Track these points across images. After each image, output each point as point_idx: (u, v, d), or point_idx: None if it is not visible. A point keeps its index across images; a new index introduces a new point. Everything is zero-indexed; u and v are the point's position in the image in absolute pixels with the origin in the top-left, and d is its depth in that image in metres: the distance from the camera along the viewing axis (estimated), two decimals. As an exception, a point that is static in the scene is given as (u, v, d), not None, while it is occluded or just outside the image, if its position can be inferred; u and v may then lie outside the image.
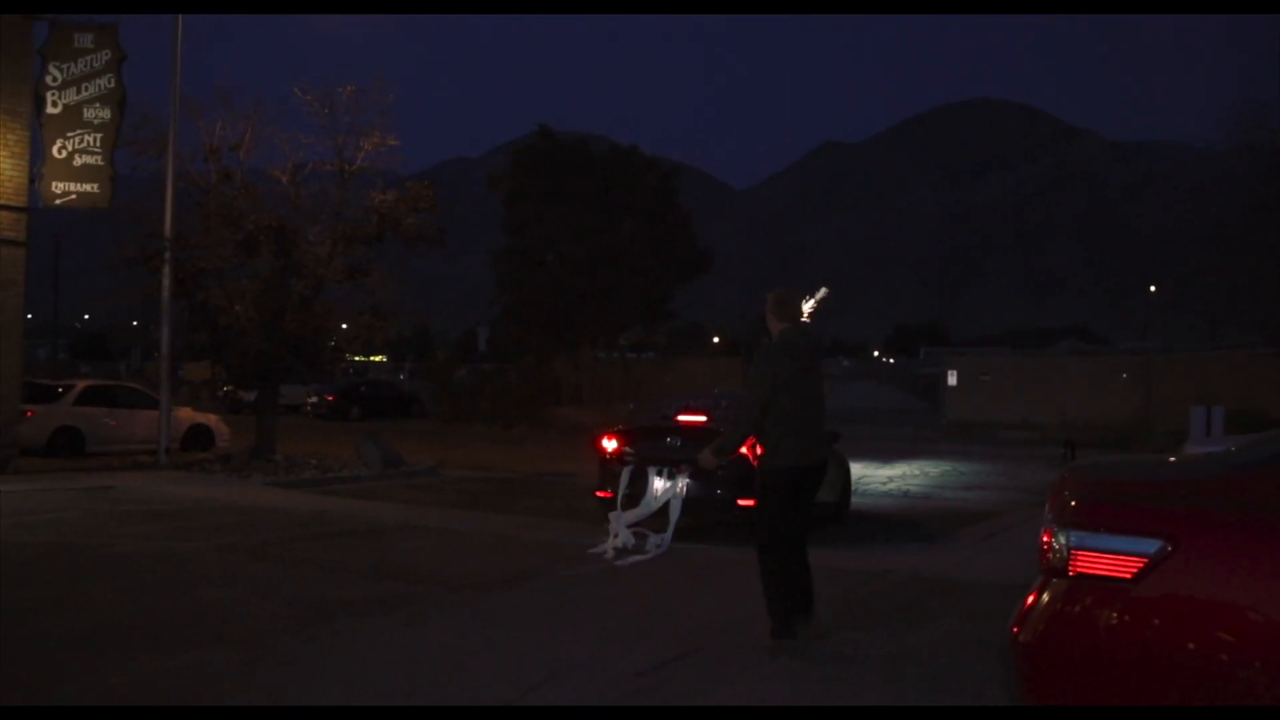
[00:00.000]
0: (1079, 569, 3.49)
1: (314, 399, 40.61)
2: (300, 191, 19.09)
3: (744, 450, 9.03)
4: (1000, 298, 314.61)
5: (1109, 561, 3.43)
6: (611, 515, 10.20)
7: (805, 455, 6.56)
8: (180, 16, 18.12)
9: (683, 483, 10.18)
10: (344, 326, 20.71)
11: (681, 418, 11.22)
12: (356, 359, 53.65)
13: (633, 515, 10.19)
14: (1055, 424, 31.69)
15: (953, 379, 40.02)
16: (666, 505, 10.26)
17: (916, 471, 21.28)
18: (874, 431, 31.81)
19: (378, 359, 71.43)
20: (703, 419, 11.09)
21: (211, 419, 23.10)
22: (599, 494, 11.20)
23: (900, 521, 13.82)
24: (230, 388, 39.60)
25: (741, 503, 10.16)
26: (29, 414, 18.86)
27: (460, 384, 43.75)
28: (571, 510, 13.96)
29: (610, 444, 11.19)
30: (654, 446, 10.76)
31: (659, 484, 10.27)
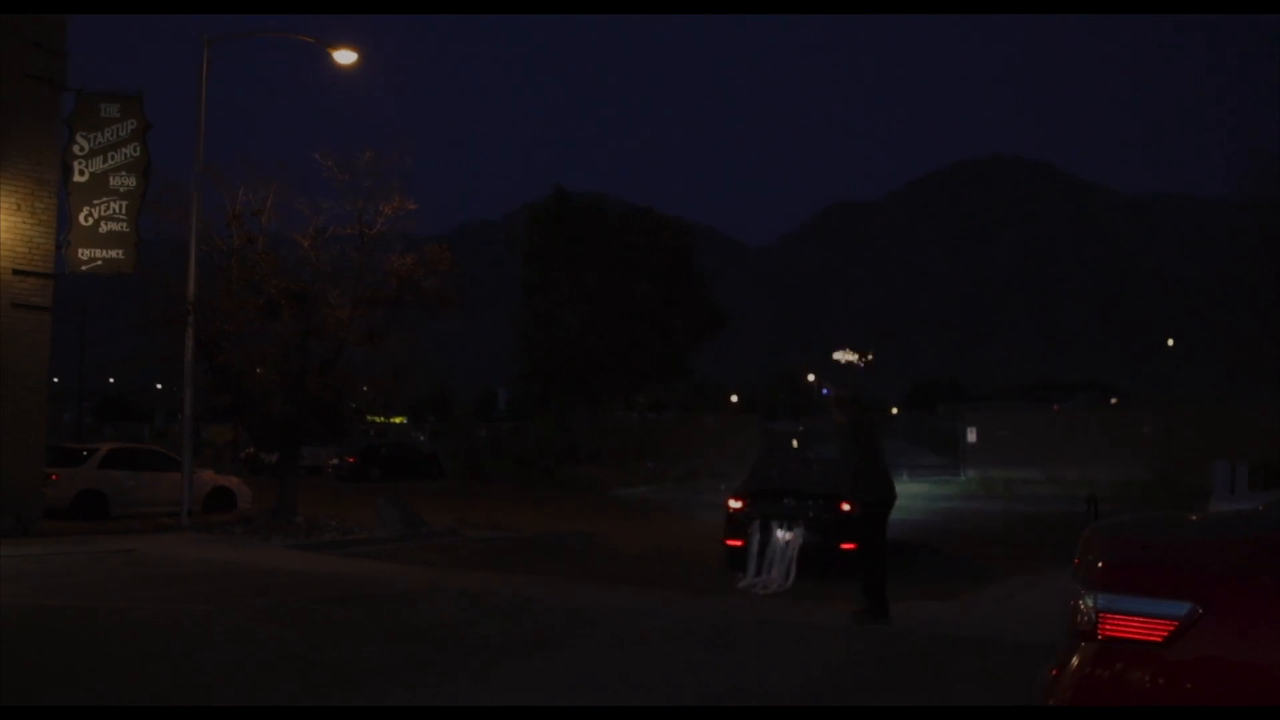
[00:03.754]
0: (1108, 632, 3.44)
1: (335, 460, 40.66)
2: (321, 255, 19.27)
3: (848, 507, 12.55)
4: (1017, 354, 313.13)
5: (1138, 624, 3.38)
6: (750, 561, 12.65)
7: (887, 490, 10.20)
8: (204, 85, 18.47)
9: (798, 533, 12.50)
10: (364, 388, 20.77)
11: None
12: (376, 420, 53.76)
13: (769, 563, 12.51)
14: (1076, 479, 31.36)
15: (972, 435, 39.75)
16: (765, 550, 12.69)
17: (938, 528, 21.09)
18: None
19: (397, 420, 71.57)
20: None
21: (233, 481, 23.14)
22: (728, 542, 13.68)
23: (923, 578, 13.68)
24: (252, 450, 39.75)
25: (844, 546, 12.78)
26: (54, 477, 18.96)
27: (479, 444, 43.76)
28: (591, 572, 13.89)
29: (736, 504, 13.76)
30: (773, 505, 13.25)
31: (780, 534, 12.56)
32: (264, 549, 15.45)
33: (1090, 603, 3.51)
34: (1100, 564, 3.62)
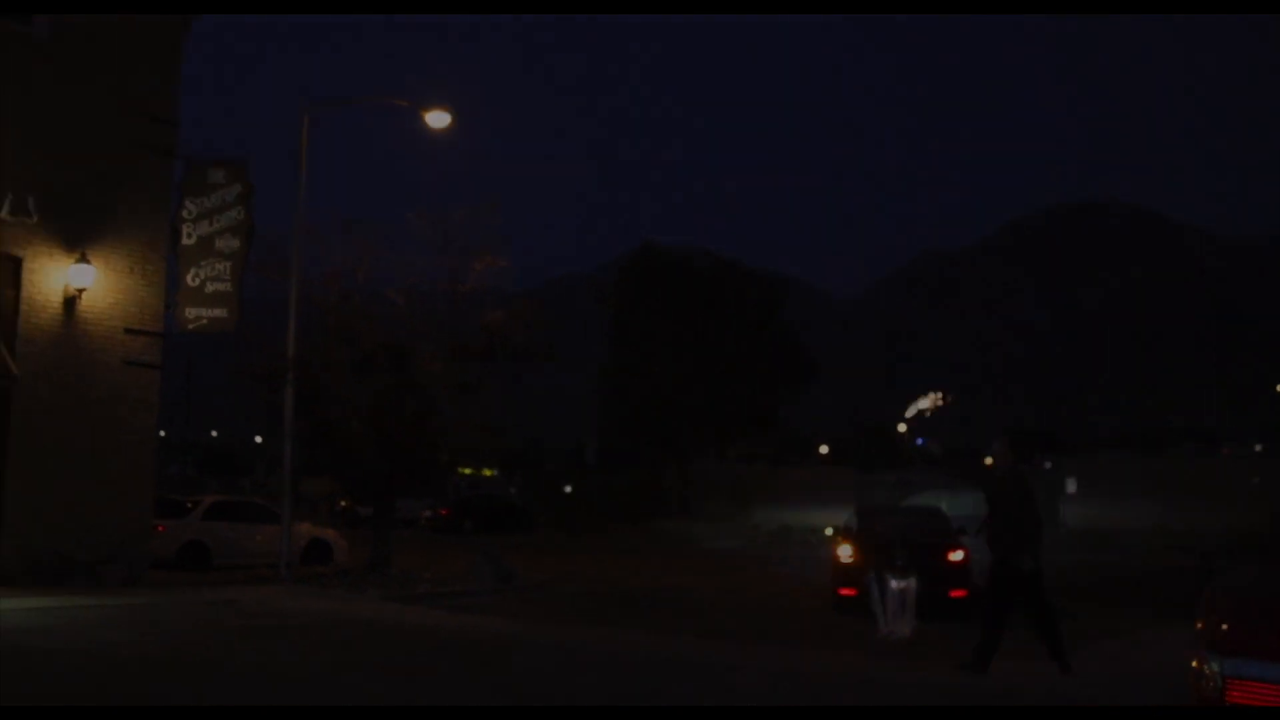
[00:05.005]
0: (1235, 699, 3.22)
1: (428, 512, 41.11)
2: (414, 311, 19.65)
3: (957, 557, 13.91)
4: (1114, 402, 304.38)
5: (1270, 693, 3.13)
6: (875, 609, 12.92)
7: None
8: (304, 154, 19.07)
9: (912, 582, 12.74)
10: (456, 441, 20.99)
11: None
12: (466, 472, 54.31)
13: (892, 609, 12.79)
14: (1183, 530, 30.30)
15: (1072, 486, 38.81)
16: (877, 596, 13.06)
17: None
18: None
19: (487, 472, 72.16)
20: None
21: (330, 533, 23.53)
22: (841, 591, 14.41)
23: (1024, 635, 13.29)
24: (347, 502, 40.42)
25: (954, 594, 13.70)
26: (160, 529, 19.50)
27: (570, 497, 43.94)
28: (687, 626, 13.78)
29: (847, 555, 14.55)
30: (885, 555, 13.40)
31: (894, 583, 12.81)
32: (360, 601, 15.65)
33: (1215, 668, 3.32)
34: (1224, 626, 3.41)
